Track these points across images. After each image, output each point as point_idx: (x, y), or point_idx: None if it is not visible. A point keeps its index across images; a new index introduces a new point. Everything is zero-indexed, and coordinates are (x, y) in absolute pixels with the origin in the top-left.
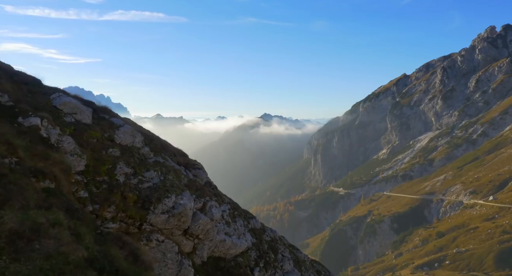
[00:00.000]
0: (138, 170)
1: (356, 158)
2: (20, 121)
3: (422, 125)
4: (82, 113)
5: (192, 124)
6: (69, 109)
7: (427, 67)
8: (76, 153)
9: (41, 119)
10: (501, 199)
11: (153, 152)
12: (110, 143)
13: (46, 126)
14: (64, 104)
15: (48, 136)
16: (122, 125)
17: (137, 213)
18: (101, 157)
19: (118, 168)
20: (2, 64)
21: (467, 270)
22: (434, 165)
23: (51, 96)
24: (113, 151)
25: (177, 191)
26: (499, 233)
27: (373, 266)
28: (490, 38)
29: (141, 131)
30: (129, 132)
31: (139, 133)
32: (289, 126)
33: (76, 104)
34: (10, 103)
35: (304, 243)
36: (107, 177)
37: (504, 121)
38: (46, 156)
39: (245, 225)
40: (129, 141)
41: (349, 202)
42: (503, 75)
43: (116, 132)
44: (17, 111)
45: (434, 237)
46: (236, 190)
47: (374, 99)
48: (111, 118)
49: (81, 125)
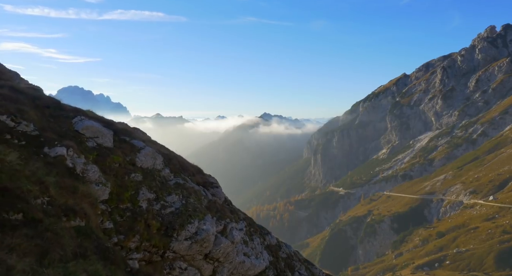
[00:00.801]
0: (160, 194)
1: (356, 158)
2: (46, 151)
3: (422, 125)
4: (104, 137)
5: (192, 124)
6: (91, 133)
7: (427, 66)
8: (101, 182)
9: (66, 149)
10: (501, 199)
11: (173, 173)
12: (132, 168)
13: (72, 155)
14: (86, 128)
15: (74, 166)
16: (143, 148)
17: (160, 241)
18: (124, 183)
19: (141, 193)
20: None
21: (468, 270)
22: (434, 165)
23: (73, 120)
24: (135, 176)
25: (200, 215)
26: (499, 233)
27: (373, 266)
28: (490, 38)
29: (160, 151)
30: (150, 155)
31: (159, 154)
32: (289, 125)
33: (97, 128)
34: (35, 132)
35: (304, 243)
36: (130, 204)
37: (504, 121)
38: (74, 189)
39: (261, 243)
40: (150, 163)
41: (349, 202)
42: (503, 75)
43: (138, 155)
44: (42, 140)
45: (434, 237)
46: (236, 189)
47: (374, 99)
48: (131, 140)
49: (103, 150)
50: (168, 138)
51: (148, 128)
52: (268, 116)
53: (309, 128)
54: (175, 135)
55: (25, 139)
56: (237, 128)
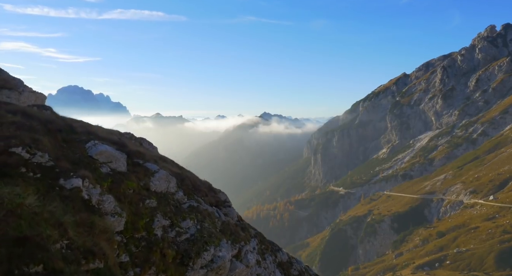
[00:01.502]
0: (175, 220)
1: (356, 157)
2: (62, 183)
3: (422, 124)
4: (117, 161)
5: (192, 123)
6: (105, 158)
7: (427, 66)
8: (116, 213)
9: (82, 180)
10: (501, 199)
11: (186, 196)
12: (146, 193)
13: (87, 186)
14: (100, 154)
15: (90, 197)
16: (157, 171)
17: (176, 271)
18: (139, 210)
19: (156, 221)
20: (36, 113)
21: (468, 270)
22: (434, 164)
23: (87, 145)
24: (150, 202)
25: (215, 241)
26: (500, 233)
27: (373, 266)
28: (490, 37)
29: (172, 170)
30: (164, 178)
31: (173, 177)
32: (289, 125)
33: (111, 153)
34: (50, 162)
35: (304, 243)
36: (146, 232)
37: (504, 121)
38: (91, 225)
39: (273, 261)
40: (164, 187)
41: (349, 202)
42: (503, 75)
43: (152, 179)
44: (58, 171)
45: (434, 237)
46: (236, 189)
47: (374, 99)
48: (145, 163)
49: (117, 176)
50: (168, 138)
51: (148, 127)
52: (268, 116)
53: (309, 128)
54: (175, 135)
55: (41, 171)
56: (237, 128)
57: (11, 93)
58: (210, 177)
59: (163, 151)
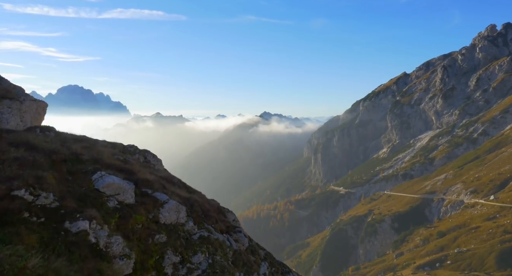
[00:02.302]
0: (185, 255)
1: (357, 157)
2: (68, 227)
3: (422, 124)
4: (125, 193)
5: (192, 123)
6: (112, 190)
7: (427, 65)
8: (125, 255)
9: (89, 222)
10: (502, 199)
11: (196, 225)
12: (155, 227)
13: (95, 228)
14: (107, 186)
15: (97, 241)
16: (167, 202)
17: None
18: (148, 247)
19: (166, 258)
20: (40, 143)
21: (469, 270)
22: (435, 164)
23: (93, 177)
24: (159, 237)
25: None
26: (500, 232)
27: (374, 266)
28: (491, 37)
29: (180, 196)
30: (173, 209)
31: (182, 205)
32: (289, 124)
33: (118, 184)
34: (55, 203)
35: (304, 243)
36: (155, 272)
37: (504, 120)
38: (99, 273)
39: None
40: (174, 218)
41: (349, 201)
42: (503, 74)
43: (161, 211)
44: (63, 213)
45: (435, 237)
46: (236, 189)
47: (374, 98)
48: (153, 192)
49: (125, 209)
50: (168, 137)
51: (148, 127)
52: (268, 115)
53: (309, 127)
54: (175, 134)
55: (45, 215)
56: (237, 127)
57: (12, 103)
58: (210, 177)
59: (163, 150)
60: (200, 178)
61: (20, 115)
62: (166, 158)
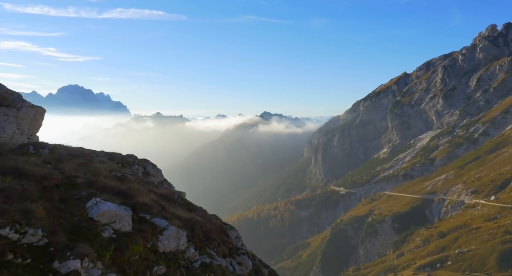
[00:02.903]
0: None
1: (357, 157)
2: (56, 267)
3: (423, 124)
4: (122, 220)
5: (193, 123)
6: (107, 218)
7: (427, 65)
8: None
9: (81, 260)
10: (502, 199)
11: (197, 250)
12: (154, 257)
13: (87, 266)
14: (102, 215)
15: None
16: (166, 228)
17: None
18: None
19: None
20: (31, 168)
21: (469, 271)
22: (435, 164)
23: (87, 205)
24: (158, 270)
25: None
26: (501, 233)
27: (374, 266)
28: (491, 37)
29: (181, 217)
30: (173, 236)
31: (183, 231)
32: (289, 124)
33: (114, 212)
34: (44, 240)
35: (305, 243)
36: None
37: (505, 120)
38: None
39: None
40: (174, 245)
41: (350, 202)
42: (504, 74)
43: (160, 239)
44: (52, 251)
45: (435, 237)
46: (236, 189)
47: (374, 98)
48: (152, 218)
49: (122, 239)
50: (168, 137)
51: (148, 127)
52: (268, 115)
53: (310, 127)
54: (176, 134)
55: (31, 255)
56: (237, 127)
57: (9, 111)
58: (210, 177)
59: (163, 150)
60: (200, 178)
61: (17, 122)
62: (166, 158)
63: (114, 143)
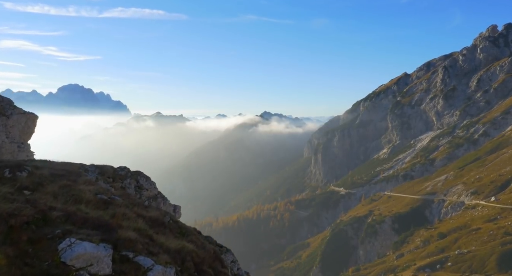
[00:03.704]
0: None
1: (357, 157)
2: None
3: (423, 124)
4: (100, 262)
5: (193, 122)
6: (83, 261)
7: (428, 66)
8: None
9: None
10: (503, 200)
11: None
12: None
13: None
14: (76, 258)
15: None
16: (151, 268)
17: None
18: None
19: None
20: None
21: (469, 272)
22: (435, 165)
23: (59, 246)
24: None
25: None
26: (501, 234)
27: (374, 267)
28: (492, 37)
29: (170, 249)
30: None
31: (172, 269)
32: (289, 124)
33: (91, 254)
34: None
35: (304, 243)
36: None
37: (505, 121)
38: None
39: None
40: None
41: (349, 202)
42: (504, 75)
43: None
44: None
45: (435, 238)
46: (236, 188)
47: (374, 98)
48: (136, 256)
49: None
50: (168, 137)
51: (148, 126)
52: (268, 115)
53: (310, 127)
54: (176, 134)
55: None
56: (238, 127)
57: None
58: (210, 176)
59: (163, 150)
60: (200, 178)
61: (6, 131)
62: (166, 158)
63: (114, 142)
